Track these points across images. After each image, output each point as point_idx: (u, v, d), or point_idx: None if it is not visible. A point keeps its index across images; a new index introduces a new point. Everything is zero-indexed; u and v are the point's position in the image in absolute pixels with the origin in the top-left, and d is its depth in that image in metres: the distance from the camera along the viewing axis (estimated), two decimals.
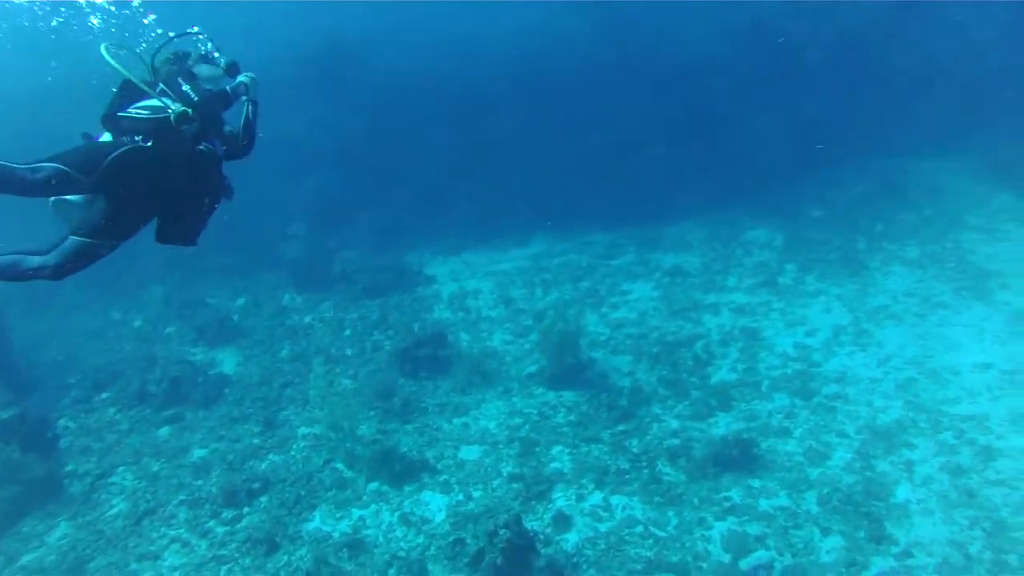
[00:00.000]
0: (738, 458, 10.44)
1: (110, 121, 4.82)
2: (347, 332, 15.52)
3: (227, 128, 5.35)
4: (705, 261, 17.12)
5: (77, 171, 4.56)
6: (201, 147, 4.98)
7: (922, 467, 10.02)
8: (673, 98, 21.77)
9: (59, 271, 4.55)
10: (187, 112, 4.84)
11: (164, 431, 12.80)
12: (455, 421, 12.11)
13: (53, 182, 4.54)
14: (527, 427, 11.74)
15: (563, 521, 9.76)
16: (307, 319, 16.30)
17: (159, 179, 4.75)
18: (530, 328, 14.64)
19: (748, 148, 20.54)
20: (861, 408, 11.40)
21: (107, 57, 4.84)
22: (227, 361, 14.92)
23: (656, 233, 18.81)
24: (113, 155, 4.60)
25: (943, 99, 20.31)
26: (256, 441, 12.22)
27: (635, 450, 11.03)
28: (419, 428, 11.99)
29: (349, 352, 14.70)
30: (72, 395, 14.19)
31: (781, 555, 8.96)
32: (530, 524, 9.59)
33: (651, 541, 9.36)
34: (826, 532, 9.21)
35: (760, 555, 9.02)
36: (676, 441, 11.13)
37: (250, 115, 5.41)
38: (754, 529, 9.37)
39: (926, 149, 20.11)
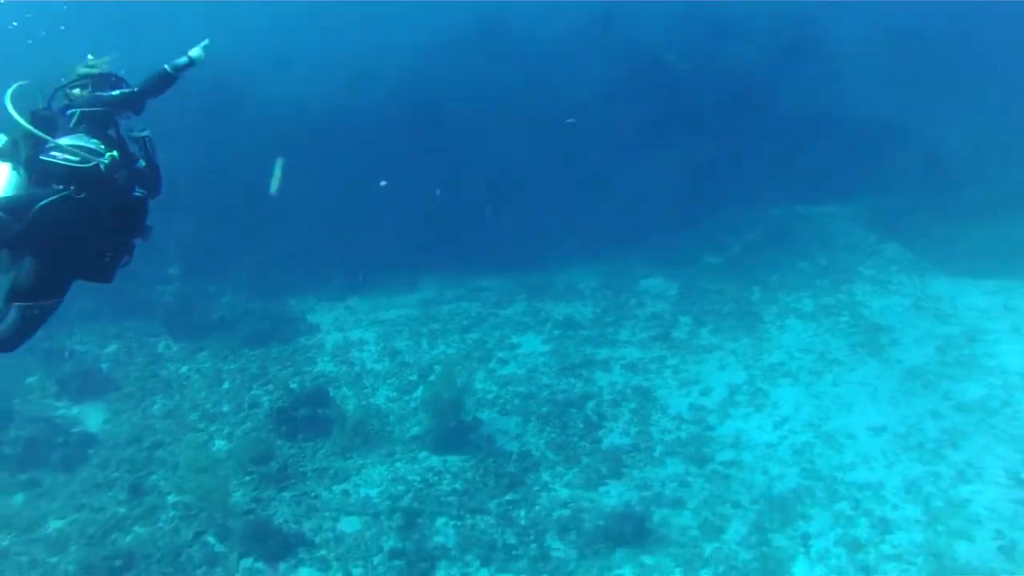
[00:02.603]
0: (630, 532, 10.24)
1: (33, 164, 4.33)
2: (225, 385, 14.83)
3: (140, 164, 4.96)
4: (597, 312, 16.86)
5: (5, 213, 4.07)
6: (136, 193, 4.70)
7: (819, 541, 10.04)
8: (558, 139, 21.74)
9: (11, 344, 4.44)
10: (115, 157, 4.45)
11: (18, 498, 11.88)
12: (335, 488, 11.63)
13: None
14: (410, 496, 11.36)
15: None
16: (183, 369, 15.51)
17: (92, 230, 4.38)
18: (415, 384, 14.26)
19: (641, 191, 20.67)
20: (757, 476, 11.33)
21: (9, 107, 4.35)
22: (93, 417, 14.01)
23: (548, 279, 18.48)
24: (40, 205, 4.14)
25: (829, 146, 20.99)
26: (121, 511, 11.44)
27: (523, 522, 10.77)
28: (297, 496, 11.47)
29: (226, 408, 14.01)
30: None
31: None
32: None
33: None
34: None
35: None
36: (566, 512, 10.91)
37: (151, 150, 5.03)
38: None
39: (817, 197, 20.44)
